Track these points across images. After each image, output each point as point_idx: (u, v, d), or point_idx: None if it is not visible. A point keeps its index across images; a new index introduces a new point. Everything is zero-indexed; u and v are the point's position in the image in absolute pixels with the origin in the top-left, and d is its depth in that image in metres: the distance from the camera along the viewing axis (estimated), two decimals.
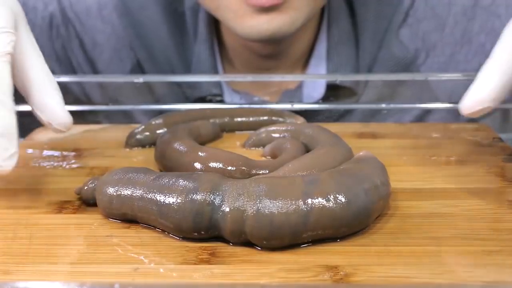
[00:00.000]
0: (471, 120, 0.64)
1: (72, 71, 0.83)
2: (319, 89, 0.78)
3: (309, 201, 0.40)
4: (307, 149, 0.55)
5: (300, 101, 0.78)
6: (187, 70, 0.82)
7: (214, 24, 0.81)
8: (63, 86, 0.78)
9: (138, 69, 0.82)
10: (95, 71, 0.83)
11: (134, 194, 0.43)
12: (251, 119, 0.64)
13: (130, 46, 0.82)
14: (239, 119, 0.64)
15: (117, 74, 0.82)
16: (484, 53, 0.77)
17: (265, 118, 0.64)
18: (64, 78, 0.74)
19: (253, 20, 0.69)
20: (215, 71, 0.81)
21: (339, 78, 0.75)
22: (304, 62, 0.81)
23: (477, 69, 0.45)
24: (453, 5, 0.78)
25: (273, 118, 0.63)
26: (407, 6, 0.79)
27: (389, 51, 0.79)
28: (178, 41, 0.82)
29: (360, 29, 0.80)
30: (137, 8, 0.81)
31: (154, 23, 0.81)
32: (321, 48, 0.80)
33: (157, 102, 0.79)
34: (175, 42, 0.81)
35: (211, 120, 0.62)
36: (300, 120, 0.63)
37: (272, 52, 0.78)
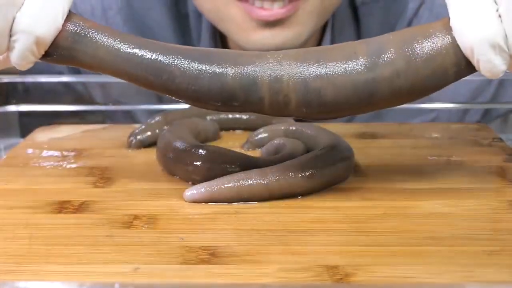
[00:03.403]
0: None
1: (77, 70, 0.83)
2: None
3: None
4: (307, 149, 0.54)
5: None
6: None
7: (218, 29, 0.81)
8: (67, 85, 0.79)
9: None
10: None
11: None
12: (248, 117, 0.64)
13: None
14: (237, 116, 0.64)
15: None
16: None
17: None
18: (68, 78, 0.74)
19: (257, 34, 0.69)
20: None
21: None
22: None
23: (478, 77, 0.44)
24: None
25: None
26: (411, 15, 0.79)
27: None
28: (182, 44, 0.82)
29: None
30: (142, 9, 0.80)
31: (160, 25, 0.80)
32: None
33: (161, 100, 0.79)
34: (180, 44, 0.81)
35: (209, 117, 0.63)
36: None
37: None
